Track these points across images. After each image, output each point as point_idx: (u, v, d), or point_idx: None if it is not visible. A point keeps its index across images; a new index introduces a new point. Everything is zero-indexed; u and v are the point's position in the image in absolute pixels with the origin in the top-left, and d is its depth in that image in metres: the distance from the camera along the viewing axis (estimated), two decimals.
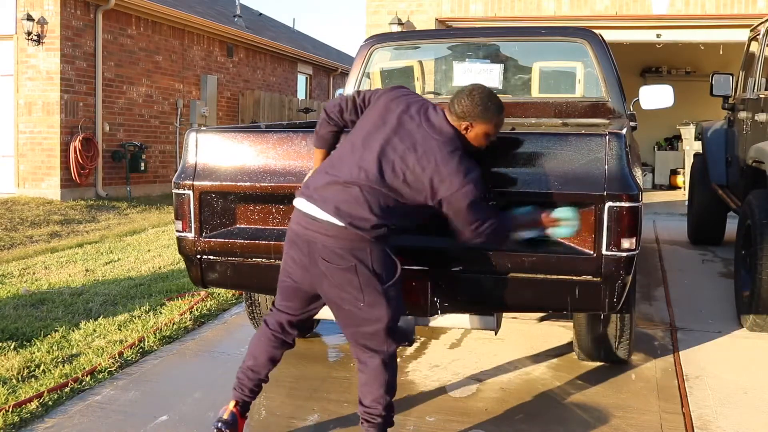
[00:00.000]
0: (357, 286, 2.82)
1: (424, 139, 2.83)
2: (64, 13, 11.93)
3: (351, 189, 2.79)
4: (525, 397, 3.77)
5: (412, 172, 2.80)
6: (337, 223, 2.77)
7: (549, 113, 5.19)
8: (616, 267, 3.13)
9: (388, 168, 2.81)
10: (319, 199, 2.82)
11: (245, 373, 3.13)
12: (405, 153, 2.81)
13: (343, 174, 2.83)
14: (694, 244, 8.14)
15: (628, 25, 11.31)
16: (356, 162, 2.83)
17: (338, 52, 27.64)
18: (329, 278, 2.84)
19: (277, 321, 3.11)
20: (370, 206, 2.78)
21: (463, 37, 6.06)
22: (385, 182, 2.80)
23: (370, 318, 2.87)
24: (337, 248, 2.79)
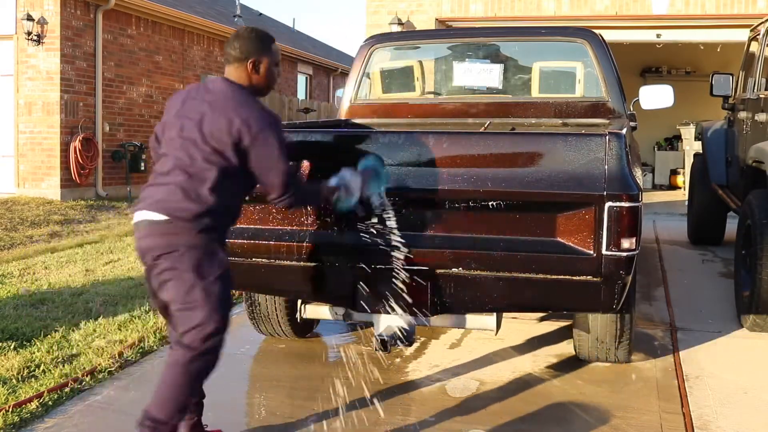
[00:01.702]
0: (174, 284, 2.68)
1: (211, 104, 2.78)
2: (64, 13, 11.93)
3: (169, 183, 2.72)
4: (525, 397, 3.77)
5: (213, 137, 2.72)
6: (159, 218, 2.69)
7: (549, 113, 5.19)
8: (616, 267, 3.13)
9: (192, 147, 2.74)
10: (142, 203, 2.76)
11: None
12: (200, 124, 2.75)
13: (161, 175, 2.78)
14: (694, 244, 8.14)
15: (628, 25, 11.31)
16: (168, 159, 2.78)
17: (338, 52, 27.65)
18: (155, 280, 2.74)
19: (174, 340, 2.86)
20: (189, 193, 2.69)
21: (463, 37, 6.06)
22: (195, 162, 2.72)
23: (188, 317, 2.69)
24: (158, 246, 2.68)
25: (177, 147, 2.78)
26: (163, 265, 2.71)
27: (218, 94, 2.83)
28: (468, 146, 3.29)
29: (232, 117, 2.73)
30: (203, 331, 2.69)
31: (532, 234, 3.22)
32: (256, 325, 4.50)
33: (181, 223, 2.69)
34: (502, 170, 3.19)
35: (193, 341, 2.70)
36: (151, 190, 2.78)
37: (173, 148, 2.80)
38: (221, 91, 2.84)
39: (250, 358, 4.42)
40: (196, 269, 2.69)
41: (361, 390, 3.85)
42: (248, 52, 2.88)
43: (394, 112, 5.49)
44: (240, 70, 2.90)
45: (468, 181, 3.20)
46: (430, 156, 3.27)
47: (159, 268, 2.72)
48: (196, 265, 2.70)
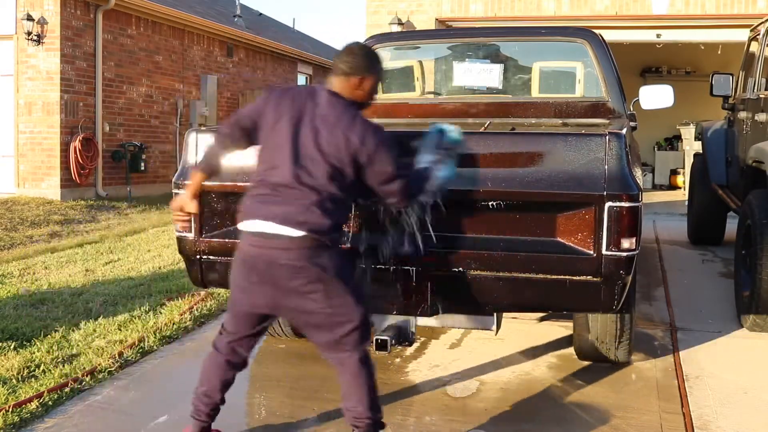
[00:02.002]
0: (323, 293, 2.81)
1: (323, 120, 2.84)
2: (64, 13, 11.93)
3: (298, 198, 2.78)
4: (525, 397, 3.77)
5: (333, 155, 2.79)
6: (297, 233, 2.75)
7: (549, 113, 5.19)
8: (616, 267, 3.13)
9: (312, 165, 2.80)
10: (270, 215, 2.79)
11: (200, 399, 3.08)
12: (317, 142, 2.80)
13: (282, 188, 2.81)
14: (694, 244, 8.14)
15: (628, 25, 11.31)
16: (285, 173, 2.81)
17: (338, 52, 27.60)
18: (294, 292, 2.81)
19: (229, 345, 3.06)
20: (322, 209, 2.77)
21: (463, 37, 6.05)
22: (319, 179, 2.79)
23: (341, 321, 2.86)
24: (297, 260, 2.76)
25: (295, 161, 2.80)
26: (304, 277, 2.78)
27: (328, 110, 2.87)
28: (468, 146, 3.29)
29: (348, 135, 2.79)
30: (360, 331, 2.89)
31: (532, 234, 3.22)
32: None
33: (317, 237, 2.77)
34: (502, 170, 3.19)
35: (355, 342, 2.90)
36: (273, 203, 2.80)
37: (289, 160, 2.81)
38: (331, 106, 2.87)
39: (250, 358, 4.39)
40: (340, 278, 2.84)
41: None
42: (357, 69, 2.92)
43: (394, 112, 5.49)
44: (345, 84, 2.93)
45: (468, 181, 3.20)
46: None
47: (299, 281, 2.78)
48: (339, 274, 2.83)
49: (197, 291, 5.70)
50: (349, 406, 2.95)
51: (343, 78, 2.92)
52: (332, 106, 2.87)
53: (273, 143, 2.87)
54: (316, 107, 2.87)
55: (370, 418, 2.95)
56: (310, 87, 3.00)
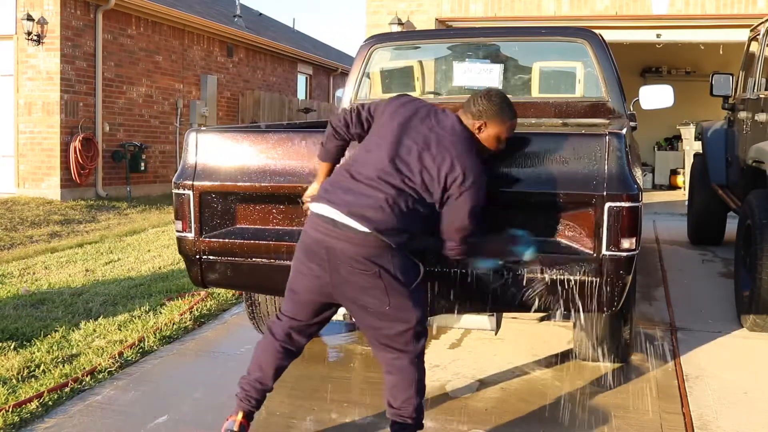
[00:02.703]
0: (382, 291, 2.79)
1: (438, 138, 2.84)
2: (64, 13, 11.93)
3: (374, 195, 2.77)
4: (525, 397, 3.77)
5: (428, 172, 2.80)
6: (363, 229, 2.74)
7: (549, 113, 5.19)
8: (616, 267, 3.13)
9: (405, 170, 2.80)
10: (342, 204, 2.78)
11: (252, 385, 3.07)
12: (421, 153, 2.82)
13: (363, 180, 2.81)
14: (694, 244, 8.14)
15: (628, 25, 11.31)
16: (374, 167, 2.82)
17: (338, 52, 27.64)
18: (352, 284, 2.80)
19: (285, 331, 3.05)
20: (393, 212, 2.76)
21: (463, 37, 6.05)
22: (404, 185, 2.79)
23: (398, 320, 2.85)
24: (358, 255, 2.75)
25: (390, 163, 2.81)
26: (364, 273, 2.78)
27: (449, 131, 2.87)
28: None
29: (455, 162, 2.79)
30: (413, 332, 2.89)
31: (532, 234, 3.22)
32: (256, 325, 4.49)
33: (381, 238, 2.75)
34: (502, 170, 3.19)
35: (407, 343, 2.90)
36: (348, 192, 2.80)
37: (385, 160, 2.82)
38: (452, 129, 2.89)
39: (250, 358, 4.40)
40: (400, 279, 2.82)
41: (361, 390, 3.86)
42: (483, 114, 2.93)
43: None
44: (469, 122, 2.95)
45: None
46: None
47: (358, 275, 2.78)
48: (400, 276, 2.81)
49: (197, 291, 5.70)
50: (395, 405, 2.95)
51: (469, 117, 2.95)
52: (453, 130, 2.88)
53: (376, 139, 2.89)
54: (438, 123, 2.89)
55: (414, 419, 2.95)
56: (438, 108, 2.99)
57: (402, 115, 2.92)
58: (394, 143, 2.85)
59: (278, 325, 3.06)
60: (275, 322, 3.08)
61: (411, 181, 2.80)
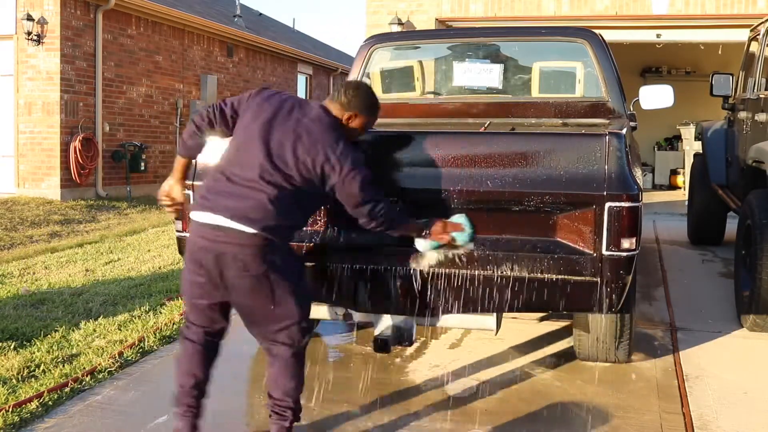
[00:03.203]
0: (269, 290, 2.86)
1: (307, 130, 2.89)
2: (64, 13, 11.93)
3: (255, 196, 2.80)
4: (525, 397, 3.77)
5: (304, 164, 2.85)
6: (249, 230, 2.77)
7: (549, 113, 5.19)
8: (616, 267, 3.13)
9: (282, 166, 2.85)
10: (224, 209, 2.80)
11: (190, 394, 3.03)
12: (294, 147, 2.86)
13: (241, 182, 2.83)
14: (694, 244, 8.14)
15: (628, 25, 11.30)
16: (251, 168, 2.84)
17: (338, 52, 27.64)
18: (239, 287, 2.85)
19: (199, 335, 3.05)
20: (277, 209, 2.80)
21: (463, 37, 6.05)
22: (284, 181, 2.84)
23: (284, 317, 2.92)
24: (247, 256, 2.79)
25: (264, 160, 2.84)
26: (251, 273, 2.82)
27: (316, 122, 2.92)
28: (468, 146, 3.29)
29: (328, 153, 2.85)
30: (298, 327, 2.97)
31: (532, 234, 3.22)
32: None
33: (268, 236, 2.80)
34: (502, 170, 3.19)
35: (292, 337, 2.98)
36: (229, 197, 2.82)
37: (259, 158, 2.84)
38: (319, 120, 2.93)
39: (250, 358, 4.42)
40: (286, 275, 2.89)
41: (361, 390, 3.86)
42: (353, 106, 3.03)
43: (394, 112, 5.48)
44: (339, 112, 3.02)
45: (468, 181, 3.20)
46: (430, 156, 3.27)
47: (245, 276, 2.82)
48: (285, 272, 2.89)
49: None
50: (276, 396, 3.01)
51: (338, 107, 3.03)
52: (321, 120, 2.94)
53: (245, 138, 2.92)
54: (304, 115, 2.94)
55: (292, 408, 3.01)
56: (301, 98, 3.08)
57: (267, 110, 2.95)
58: (265, 141, 2.87)
59: (192, 332, 3.06)
60: (188, 329, 3.07)
61: (289, 177, 2.84)
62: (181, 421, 3.02)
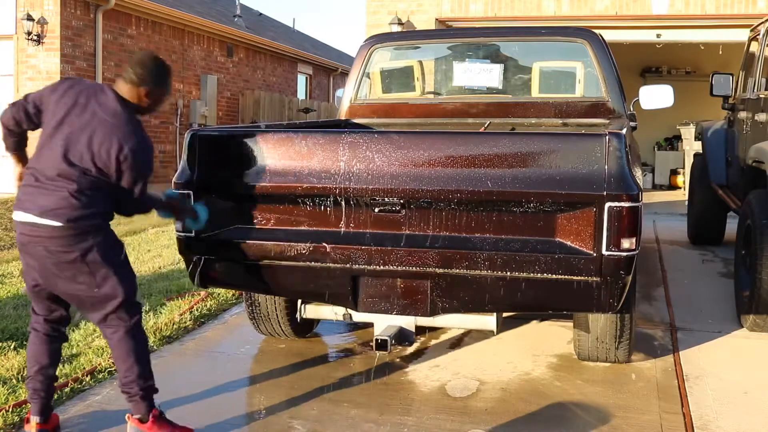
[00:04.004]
0: (87, 274, 2.99)
1: (101, 123, 2.98)
2: (64, 13, 11.93)
3: (58, 192, 2.93)
4: (525, 397, 3.77)
5: (100, 157, 2.95)
6: (56, 224, 2.92)
7: (549, 113, 5.19)
8: (616, 267, 3.13)
9: (79, 162, 2.94)
10: (32, 206, 2.95)
11: (37, 380, 3.17)
12: (90, 142, 2.95)
13: (46, 181, 2.96)
14: (694, 244, 8.14)
15: (628, 25, 11.31)
16: (52, 167, 2.95)
17: (338, 52, 27.64)
18: (61, 276, 3.00)
19: (42, 323, 3.20)
20: (81, 202, 2.93)
21: (463, 37, 6.06)
22: (83, 176, 2.94)
23: (108, 297, 3.04)
24: (60, 247, 2.94)
25: (63, 157, 2.95)
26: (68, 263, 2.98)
27: (110, 115, 3.00)
28: (468, 146, 3.29)
29: (123, 144, 2.96)
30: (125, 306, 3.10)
31: (532, 234, 3.22)
32: (256, 325, 4.50)
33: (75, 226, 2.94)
34: (502, 170, 3.19)
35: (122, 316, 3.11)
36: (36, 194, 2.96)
37: (59, 155, 2.95)
38: (114, 112, 3.01)
39: (250, 358, 4.42)
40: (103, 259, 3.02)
41: (361, 390, 3.86)
42: (145, 81, 3.08)
43: (394, 112, 5.49)
44: (132, 92, 3.08)
45: (468, 181, 3.20)
46: (430, 156, 3.28)
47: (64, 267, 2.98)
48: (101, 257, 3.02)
49: (197, 291, 5.70)
50: (120, 375, 3.14)
51: (131, 86, 3.07)
52: (116, 112, 3.01)
53: (46, 134, 3.03)
54: (99, 107, 3.01)
55: (139, 384, 3.11)
56: (98, 85, 3.14)
57: (65, 104, 3.02)
58: (63, 138, 2.97)
59: (35, 321, 3.22)
60: (34, 318, 3.23)
61: (88, 171, 2.95)
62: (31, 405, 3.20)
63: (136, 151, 2.97)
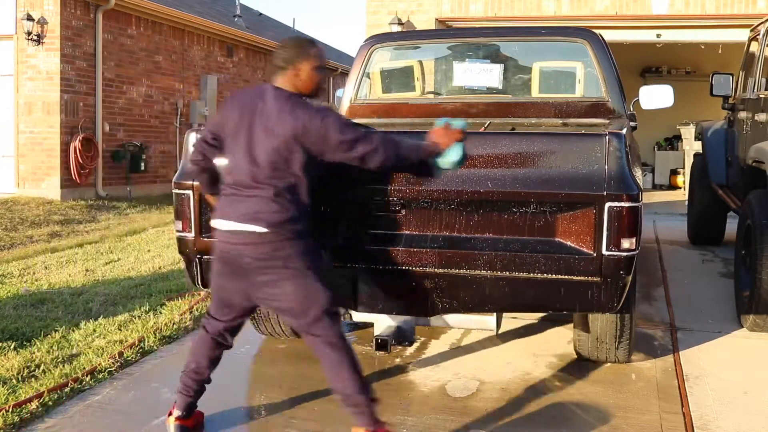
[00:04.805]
0: (291, 282, 2.95)
1: (268, 115, 2.94)
2: (64, 13, 11.93)
3: (256, 196, 2.92)
4: (525, 397, 3.77)
5: (280, 147, 2.90)
6: (259, 230, 2.90)
7: (549, 113, 5.19)
8: (616, 267, 3.13)
9: (262, 159, 2.91)
10: (235, 215, 2.95)
11: (189, 376, 3.24)
12: (266, 137, 2.93)
13: (244, 189, 2.95)
14: (694, 244, 8.14)
15: (628, 25, 11.31)
16: (246, 174, 2.95)
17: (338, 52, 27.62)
18: (263, 283, 2.98)
19: (217, 329, 3.22)
20: (282, 205, 2.91)
21: (463, 37, 6.05)
22: (277, 175, 2.92)
23: (310, 305, 2.98)
24: (262, 254, 2.92)
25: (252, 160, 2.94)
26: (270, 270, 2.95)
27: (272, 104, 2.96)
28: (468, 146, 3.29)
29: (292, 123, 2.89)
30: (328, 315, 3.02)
31: (532, 234, 3.22)
32: (256, 325, 4.50)
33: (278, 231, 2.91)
34: (502, 170, 3.19)
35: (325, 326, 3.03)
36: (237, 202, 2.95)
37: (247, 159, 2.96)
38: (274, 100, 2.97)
39: (250, 358, 4.42)
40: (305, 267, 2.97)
41: None
42: (289, 60, 3.04)
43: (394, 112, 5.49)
44: (284, 78, 3.04)
45: (468, 181, 3.20)
46: None
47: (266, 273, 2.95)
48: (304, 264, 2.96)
49: (197, 291, 5.70)
50: (337, 389, 3.05)
51: (281, 72, 3.04)
52: (275, 100, 2.98)
53: (233, 146, 3.03)
54: (264, 105, 2.99)
55: (360, 395, 3.02)
56: (258, 87, 3.11)
57: (234, 117, 3.02)
58: (246, 146, 2.95)
59: (211, 325, 3.23)
60: (208, 321, 3.23)
61: (275, 167, 2.91)
62: (177, 397, 3.25)
63: (308, 119, 2.88)
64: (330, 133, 2.89)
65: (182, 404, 3.23)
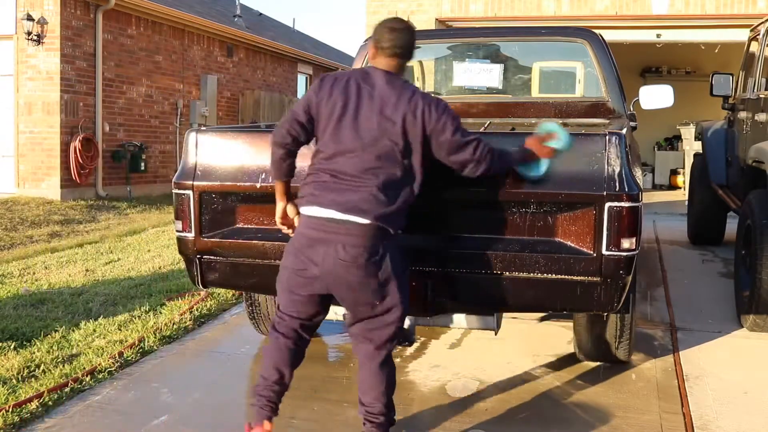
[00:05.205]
0: (375, 285, 2.80)
1: (383, 100, 2.83)
2: (64, 13, 11.93)
3: (363, 187, 2.77)
4: (525, 397, 3.77)
5: (395, 135, 2.79)
6: (363, 221, 2.74)
7: (549, 113, 5.19)
8: (616, 267, 3.13)
9: (374, 147, 2.79)
10: (335, 203, 2.77)
11: (272, 390, 2.97)
12: (378, 123, 2.80)
13: (348, 179, 2.79)
14: (694, 244, 8.14)
15: (628, 25, 11.31)
16: (351, 164, 2.79)
17: (338, 52, 27.64)
18: (349, 278, 2.79)
19: (292, 328, 2.99)
20: (388, 197, 2.77)
21: (463, 37, 6.06)
22: (382, 162, 2.79)
23: (385, 311, 2.87)
24: (357, 247, 2.74)
25: (359, 146, 2.82)
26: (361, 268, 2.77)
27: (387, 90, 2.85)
28: None
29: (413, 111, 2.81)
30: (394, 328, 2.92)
31: (532, 234, 3.22)
32: (256, 325, 4.50)
33: (382, 225, 2.77)
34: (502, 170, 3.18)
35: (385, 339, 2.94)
36: (337, 191, 2.79)
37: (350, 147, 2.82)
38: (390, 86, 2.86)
39: (250, 358, 4.42)
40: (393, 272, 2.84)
41: None
42: (395, 46, 2.95)
43: None
44: (392, 63, 2.93)
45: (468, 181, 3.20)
46: None
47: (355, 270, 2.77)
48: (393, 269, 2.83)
49: (197, 291, 5.70)
50: (366, 401, 2.95)
51: (393, 57, 2.92)
52: (391, 86, 2.85)
53: (333, 131, 2.84)
54: (374, 89, 2.85)
55: (385, 415, 2.95)
56: (361, 70, 2.96)
57: (339, 100, 2.85)
58: (352, 130, 2.81)
59: (284, 325, 3.00)
60: (279, 322, 3.01)
61: (388, 155, 2.79)
62: (257, 413, 2.97)
63: (427, 109, 2.78)
64: (446, 129, 2.79)
65: (264, 416, 2.94)
